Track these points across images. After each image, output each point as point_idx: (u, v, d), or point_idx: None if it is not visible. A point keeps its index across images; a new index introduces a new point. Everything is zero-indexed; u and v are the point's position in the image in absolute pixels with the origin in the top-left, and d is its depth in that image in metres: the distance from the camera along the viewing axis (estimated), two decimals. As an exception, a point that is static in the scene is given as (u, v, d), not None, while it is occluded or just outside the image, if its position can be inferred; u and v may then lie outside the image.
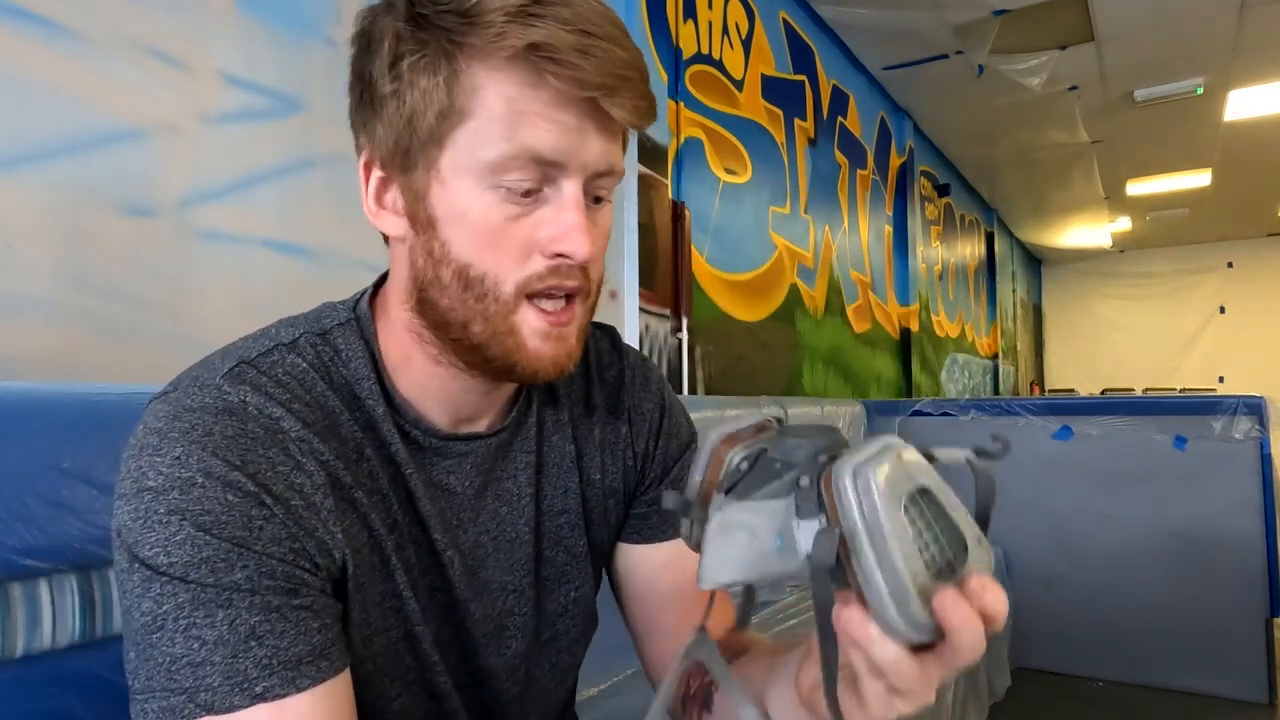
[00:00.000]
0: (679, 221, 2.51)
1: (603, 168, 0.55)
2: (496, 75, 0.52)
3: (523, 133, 0.52)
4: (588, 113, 0.53)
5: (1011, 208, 7.67)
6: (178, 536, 0.47)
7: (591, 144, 0.54)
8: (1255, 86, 4.65)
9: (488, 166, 0.52)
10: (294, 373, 0.56)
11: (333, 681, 0.50)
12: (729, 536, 0.43)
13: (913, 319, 4.83)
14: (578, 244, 0.54)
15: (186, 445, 0.49)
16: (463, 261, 0.55)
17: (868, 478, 0.38)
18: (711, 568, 0.43)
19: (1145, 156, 6.01)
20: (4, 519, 0.71)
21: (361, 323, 0.61)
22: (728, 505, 0.43)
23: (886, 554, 0.37)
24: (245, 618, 0.47)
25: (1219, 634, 2.73)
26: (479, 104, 0.52)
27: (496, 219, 0.53)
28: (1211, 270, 9.52)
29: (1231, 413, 2.75)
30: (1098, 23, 3.83)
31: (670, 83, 2.54)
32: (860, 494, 0.38)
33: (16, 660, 0.73)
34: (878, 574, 0.37)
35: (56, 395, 0.79)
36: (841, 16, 3.75)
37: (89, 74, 1.11)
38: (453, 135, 0.53)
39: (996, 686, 2.78)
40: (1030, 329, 9.69)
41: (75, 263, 1.09)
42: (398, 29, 0.53)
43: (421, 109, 0.53)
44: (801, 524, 0.40)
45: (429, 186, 0.55)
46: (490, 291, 0.55)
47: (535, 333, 0.56)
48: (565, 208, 0.54)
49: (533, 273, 0.55)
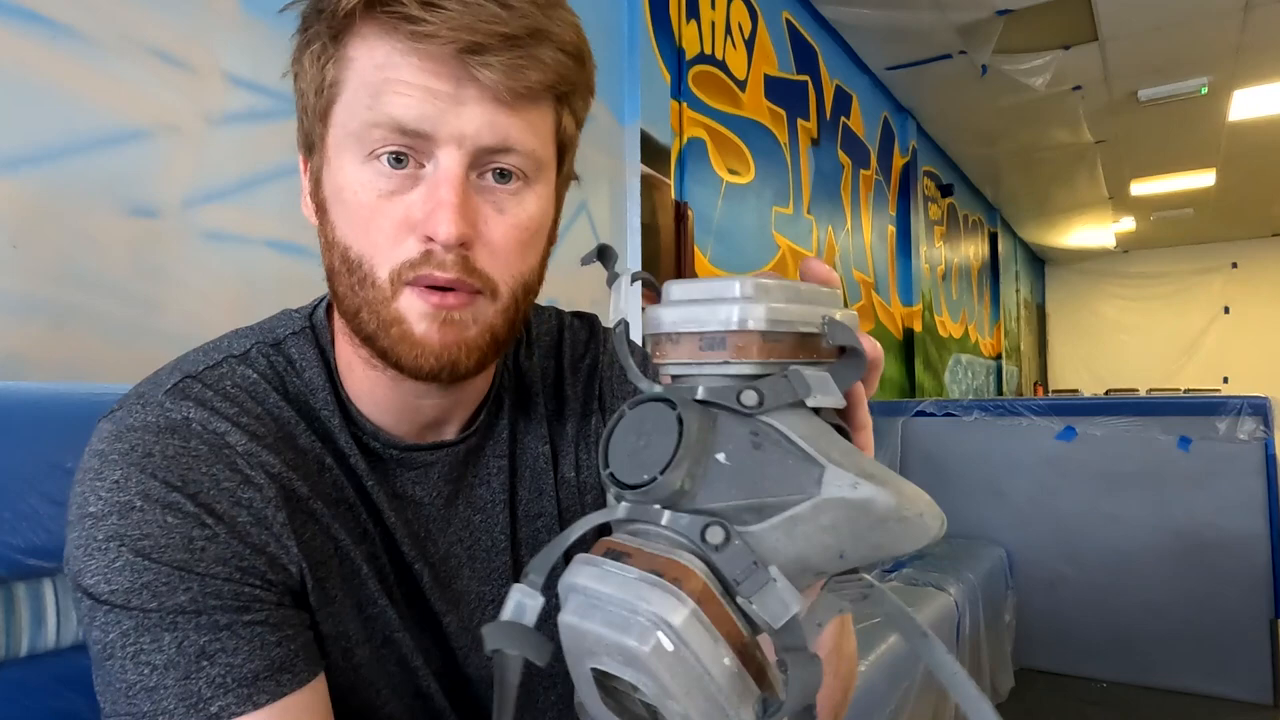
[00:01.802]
0: (682, 222, 2.51)
1: (490, 141, 0.49)
2: (367, 43, 0.49)
3: (385, 100, 0.48)
4: (465, 78, 0.48)
5: (1015, 208, 7.66)
6: (117, 563, 0.46)
7: (469, 112, 0.48)
8: (1260, 86, 4.64)
9: (355, 138, 0.49)
10: (244, 385, 0.54)
11: (298, 694, 0.48)
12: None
13: (916, 319, 4.82)
14: (443, 221, 0.48)
15: (126, 468, 0.47)
16: (344, 244, 0.51)
17: (732, 285, 0.35)
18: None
19: (1149, 156, 5.99)
20: (8, 519, 0.72)
21: (317, 330, 0.59)
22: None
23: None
24: (193, 639, 0.46)
25: (1223, 635, 2.72)
26: (351, 74, 0.49)
27: (369, 196, 0.49)
28: (1216, 270, 9.49)
29: (1236, 413, 2.74)
30: (1101, 22, 3.82)
31: (673, 83, 2.54)
32: (759, 297, 0.34)
33: (21, 659, 0.73)
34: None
35: (60, 395, 0.80)
36: (844, 16, 3.74)
37: (92, 74, 1.11)
38: (333, 110, 0.50)
39: (1000, 687, 2.78)
40: (1034, 329, 9.67)
41: (78, 263, 1.09)
42: (303, 14, 0.52)
43: (306, 89, 0.52)
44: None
45: (322, 169, 0.52)
46: (368, 276, 0.50)
47: (420, 315, 0.50)
48: (437, 184, 0.49)
49: (406, 259, 0.50)
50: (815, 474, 0.33)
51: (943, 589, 2.40)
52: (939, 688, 2.16)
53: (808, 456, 0.33)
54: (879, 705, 1.78)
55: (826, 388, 0.35)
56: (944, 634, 2.25)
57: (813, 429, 0.34)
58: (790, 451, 0.33)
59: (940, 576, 2.49)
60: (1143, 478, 2.88)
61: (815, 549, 0.33)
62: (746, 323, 0.34)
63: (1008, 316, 7.75)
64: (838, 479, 0.33)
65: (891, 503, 0.33)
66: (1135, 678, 2.87)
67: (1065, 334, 10.40)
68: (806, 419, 0.35)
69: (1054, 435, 3.04)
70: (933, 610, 2.23)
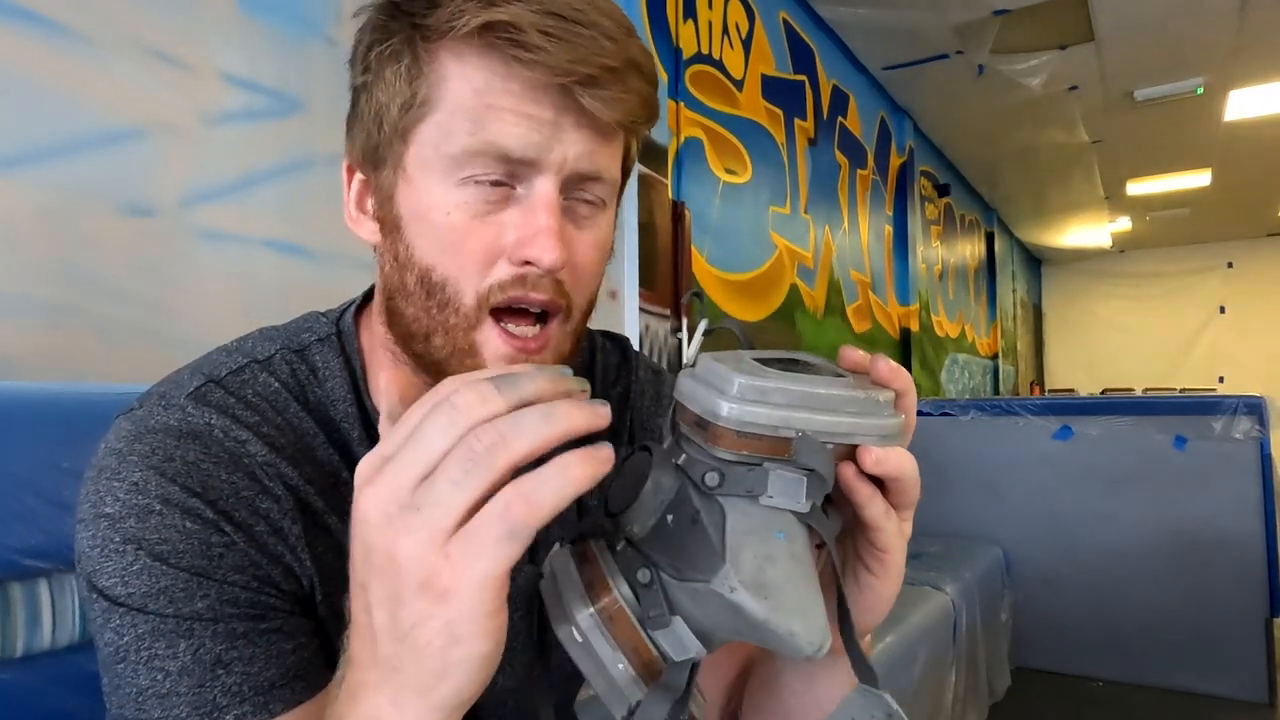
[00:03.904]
0: (679, 221, 2.51)
1: (585, 169, 0.50)
2: (465, 64, 0.48)
3: (489, 128, 0.47)
4: (566, 106, 0.48)
5: (1011, 208, 7.67)
6: (134, 566, 0.45)
7: (569, 140, 0.48)
8: (1255, 86, 4.65)
9: (451, 161, 0.48)
10: (265, 393, 0.53)
11: (311, 703, 0.48)
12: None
13: (913, 319, 4.83)
14: (545, 248, 0.47)
15: (145, 471, 0.47)
16: (425, 265, 0.50)
17: (730, 378, 0.38)
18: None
19: (1145, 156, 6.00)
20: (4, 518, 0.72)
21: (344, 338, 0.58)
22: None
23: (822, 394, 0.38)
24: (210, 646, 0.46)
25: (1219, 634, 2.73)
26: (445, 95, 0.48)
27: (460, 218, 0.49)
28: (1211, 270, 9.51)
29: (1231, 413, 2.75)
30: (1098, 23, 3.83)
31: (670, 82, 2.54)
32: (746, 396, 0.38)
33: (17, 660, 0.73)
34: (839, 416, 0.39)
35: (57, 395, 0.80)
36: (842, 16, 3.75)
37: (89, 74, 1.11)
38: (418, 129, 0.49)
39: (996, 686, 2.78)
40: (1030, 329, 9.68)
41: (76, 263, 1.09)
42: (373, 19, 0.51)
43: (386, 102, 0.50)
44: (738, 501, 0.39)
45: (395, 185, 0.51)
46: (451, 300, 0.49)
47: (499, 357, 0.50)
48: (536, 209, 0.48)
49: (495, 281, 0.49)
50: (716, 566, 0.37)
51: (939, 588, 2.40)
52: (936, 688, 2.17)
53: (719, 548, 0.37)
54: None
55: (790, 491, 0.38)
56: (941, 633, 2.25)
57: (753, 524, 0.38)
58: (712, 537, 0.37)
59: (937, 576, 2.49)
60: (1139, 477, 2.89)
61: (714, 623, 0.38)
62: (719, 419, 0.37)
63: (1004, 316, 7.77)
64: (724, 578, 0.37)
65: (760, 616, 0.36)
66: (1131, 676, 2.88)
67: (1061, 334, 10.42)
68: (756, 514, 0.38)
69: (1050, 435, 3.05)
70: (929, 609, 2.23)
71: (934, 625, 2.20)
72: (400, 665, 0.35)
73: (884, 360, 0.43)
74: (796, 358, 0.43)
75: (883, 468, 0.40)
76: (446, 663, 0.34)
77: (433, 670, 0.35)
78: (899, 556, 0.45)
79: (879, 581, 0.46)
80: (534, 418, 0.34)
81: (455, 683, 0.35)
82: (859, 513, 0.43)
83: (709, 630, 0.38)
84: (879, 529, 0.43)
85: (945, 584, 2.44)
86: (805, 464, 0.38)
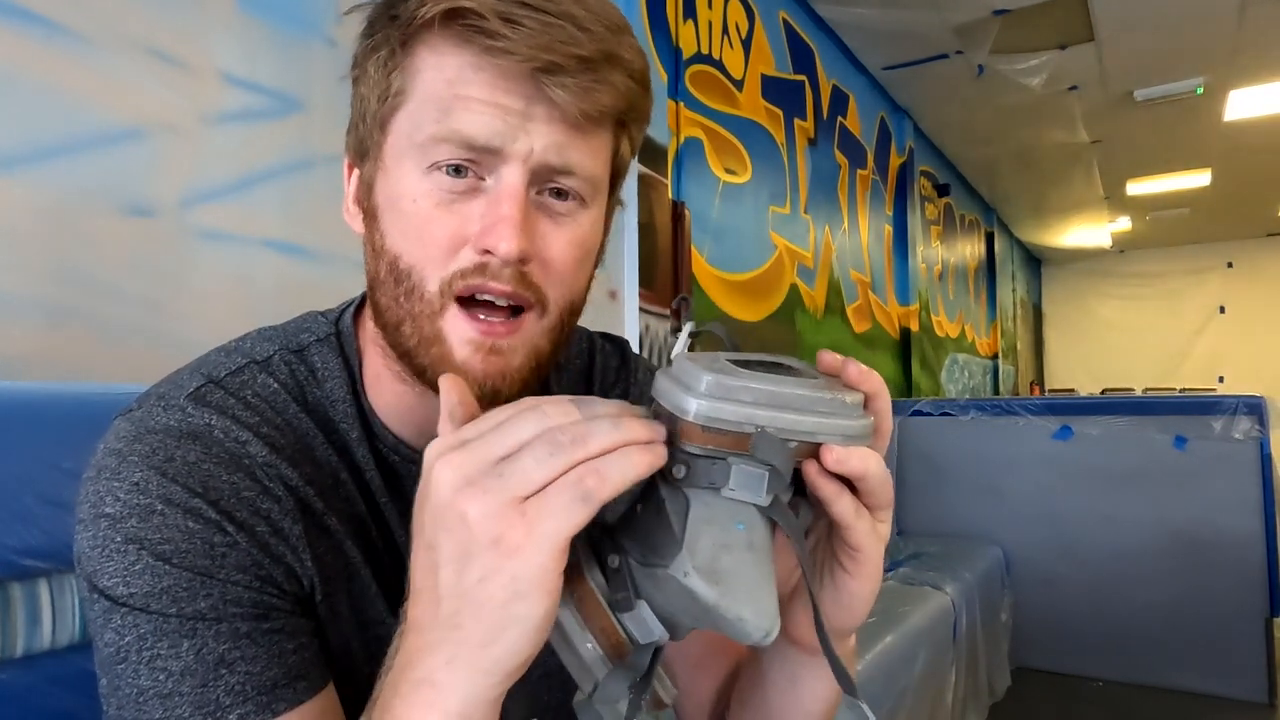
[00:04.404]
0: (679, 221, 2.51)
1: (555, 162, 0.49)
2: (440, 56, 0.49)
3: (456, 115, 0.48)
4: (537, 98, 0.48)
5: (1011, 208, 7.67)
6: (136, 566, 0.45)
7: (538, 131, 0.48)
8: (1255, 86, 4.65)
9: (419, 150, 0.49)
10: (264, 394, 0.53)
11: (313, 702, 0.48)
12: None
13: (912, 319, 4.83)
14: (503, 236, 0.47)
15: (146, 471, 0.47)
16: (394, 253, 0.50)
17: (700, 376, 0.39)
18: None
19: (1145, 156, 6.00)
20: (4, 519, 0.72)
21: (343, 338, 0.58)
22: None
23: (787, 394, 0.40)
24: (213, 646, 0.46)
25: (1218, 634, 2.73)
26: (418, 85, 0.49)
27: (425, 206, 0.49)
28: (1211, 270, 9.52)
29: (1231, 413, 2.75)
30: (1098, 23, 3.83)
31: (670, 82, 2.54)
32: (713, 393, 0.39)
33: (16, 660, 0.73)
34: (807, 416, 0.40)
35: (57, 395, 0.80)
36: (841, 16, 3.75)
37: (89, 74, 1.11)
38: (394, 119, 0.50)
39: (996, 686, 2.78)
40: (1030, 329, 9.69)
41: (75, 263, 1.09)
42: (370, 19, 0.52)
43: (367, 95, 0.51)
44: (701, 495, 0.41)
45: (375, 175, 0.52)
46: (417, 288, 0.50)
47: (464, 341, 0.50)
48: (500, 199, 0.48)
49: (458, 268, 0.49)
50: (674, 552, 0.39)
51: (939, 588, 2.40)
52: (936, 688, 2.17)
53: (679, 536, 0.39)
54: (875, 706, 1.78)
55: (750, 485, 0.40)
56: (941, 633, 2.25)
57: (714, 515, 0.40)
58: (674, 525, 0.40)
59: (937, 576, 2.49)
60: (1139, 477, 2.89)
61: (674, 608, 0.40)
62: (686, 414, 0.39)
63: (1004, 316, 7.77)
64: (680, 563, 0.38)
65: (711, 601, 0.38)
66: (1131, 676, 2.88)
67: (1061, 333, 10.42)
68: (719, 505, 0.40)
69: (1050, 435, 3.05)
70: (929, 609, 2.23)
71: (934, 625, 2.20)
72: (460, 621, 0.37)
73: (854, 364, 0.43)
74: (779, 361, 0.44)
75: (844, 466, 0.41)
76: (506, 617, 0.36)
77: (492, 624, 0.36)
78: (874, 556, 0.45)
79: (854, 581, 0.46)
80: (607, 425, 0.39)
81: (511, 642, 0.37)
82: (827, 510, 0.43)
83: (671, 615, 0.40)
84: (849, 527, 0.44)
85: (945, 584, 2.44)
86: (763, 459, 0.39)
